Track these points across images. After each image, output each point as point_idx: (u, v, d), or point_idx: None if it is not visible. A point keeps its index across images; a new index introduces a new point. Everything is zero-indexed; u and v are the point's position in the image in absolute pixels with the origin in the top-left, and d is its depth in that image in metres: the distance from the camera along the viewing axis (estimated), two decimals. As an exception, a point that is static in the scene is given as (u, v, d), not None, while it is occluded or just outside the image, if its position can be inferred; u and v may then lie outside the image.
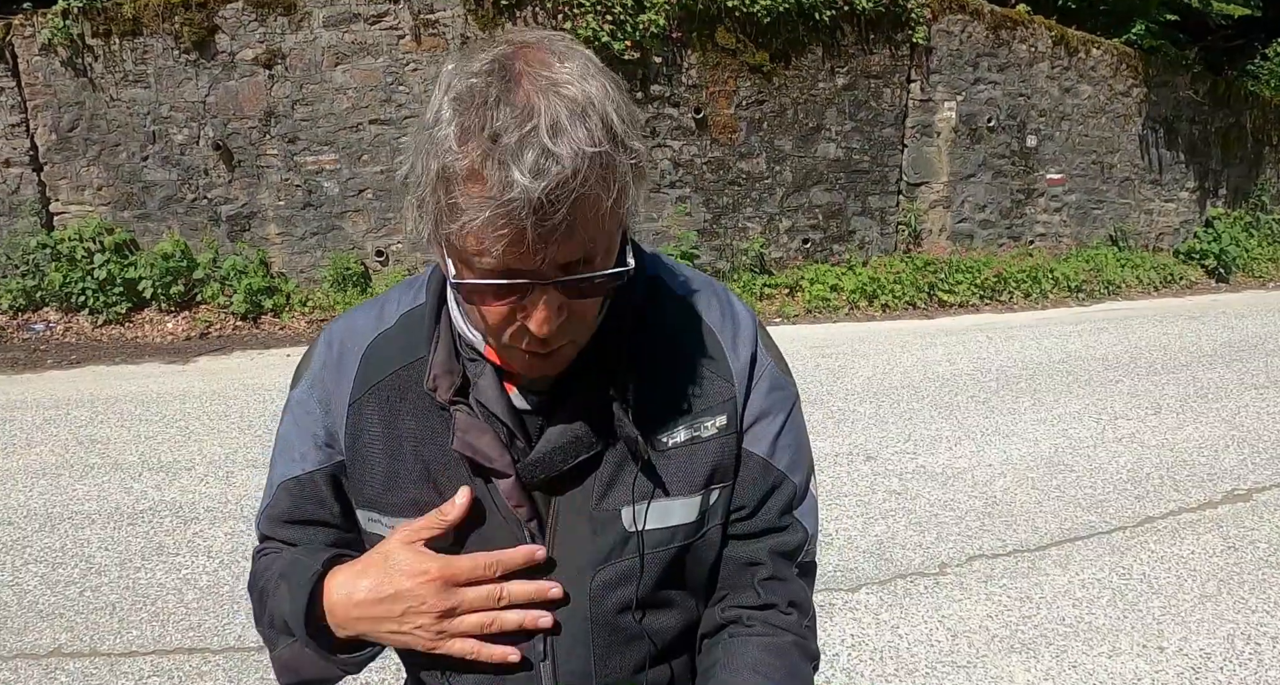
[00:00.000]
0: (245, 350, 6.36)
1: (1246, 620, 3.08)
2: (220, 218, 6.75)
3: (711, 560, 0.93)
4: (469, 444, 0.85)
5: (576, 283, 0.73)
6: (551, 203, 0.66)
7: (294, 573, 0.88)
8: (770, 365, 0.94)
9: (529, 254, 0.69)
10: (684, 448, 0.88)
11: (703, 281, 0.97)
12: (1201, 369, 6.31)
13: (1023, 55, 8.52)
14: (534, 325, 0.74)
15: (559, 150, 0.66)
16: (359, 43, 6.50)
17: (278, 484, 0.95)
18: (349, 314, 0.97)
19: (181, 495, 3.90)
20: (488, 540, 0.88)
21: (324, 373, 0.93)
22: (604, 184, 0.69)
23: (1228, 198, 10.49)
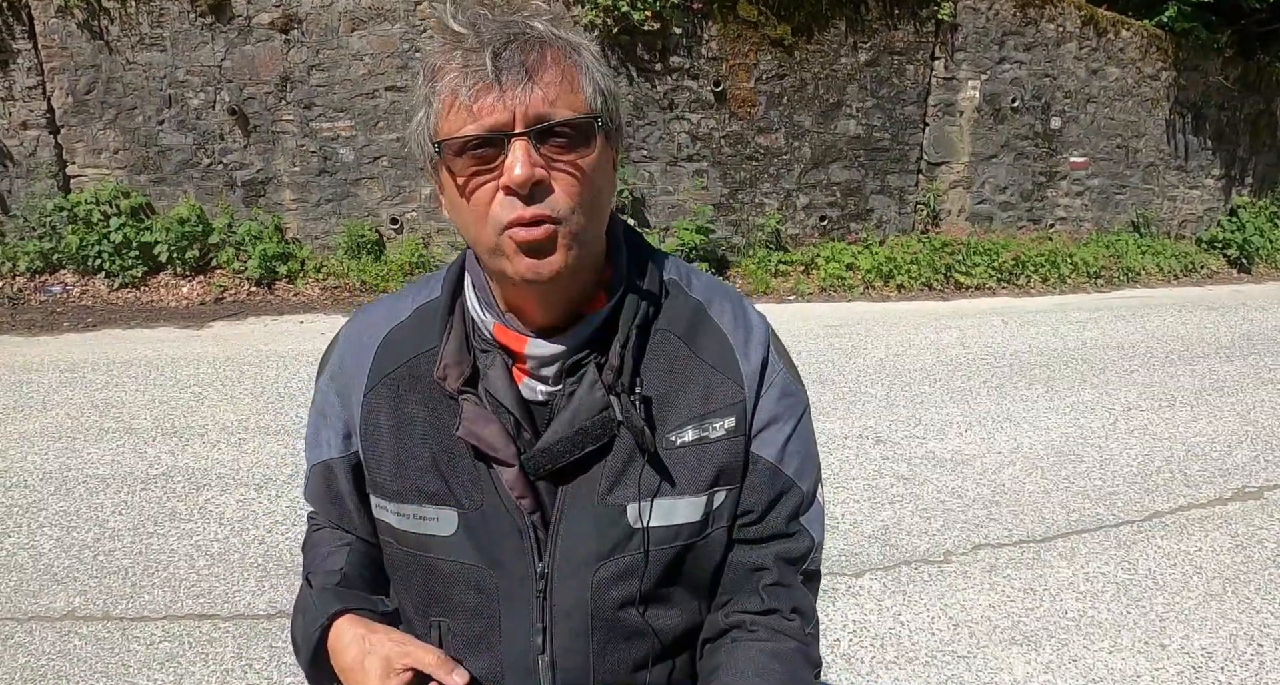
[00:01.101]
0: (259, 316, 6.39)
1: (1250, 621, 3.08)
2: (236, 183, 6.74)
3: (715, 562, 0.93)
4: (474, 433, 0.87)
5: (544, 130, 0.78)
6: (511, 40, 0.77)
7: (308, 618, 0.94)
8: (782, 371, 0.95)
9: (499, 103, 0.76)
10: (692, 447, 0.89)
11: (717, 286, 0.98)
12: (1218, 361, 6.25)
13: (1050, 34, 8.33)
14: (511, 172, 0.77)
15: (521, 17, 0.80)
16: (376, 8, 6.42)
17: (310, 466, 1.02)
18: (367, 308, 1.02)
19: (194, 461, 3.95)
20: (491, 529, 0.89)
21: (343, 365, 0.98)
22: (565, 51, 0.80)
23: (1254, 186, 10.29)
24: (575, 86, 0.80)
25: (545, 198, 0.79)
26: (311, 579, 1.00)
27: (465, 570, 0.90)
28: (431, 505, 0.91)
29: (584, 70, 0.81)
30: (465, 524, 0.89)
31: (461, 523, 0.89)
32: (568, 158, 0.79)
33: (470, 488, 0.89)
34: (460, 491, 0.90)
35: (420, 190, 6.97)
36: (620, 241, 0.93)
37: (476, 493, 0.89)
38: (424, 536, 0.92)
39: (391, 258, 7.04)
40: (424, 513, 0.91)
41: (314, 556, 1.03)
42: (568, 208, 0.80)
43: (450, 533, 0.90)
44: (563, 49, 0.80)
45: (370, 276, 6.83)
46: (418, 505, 0.91)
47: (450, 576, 0.91)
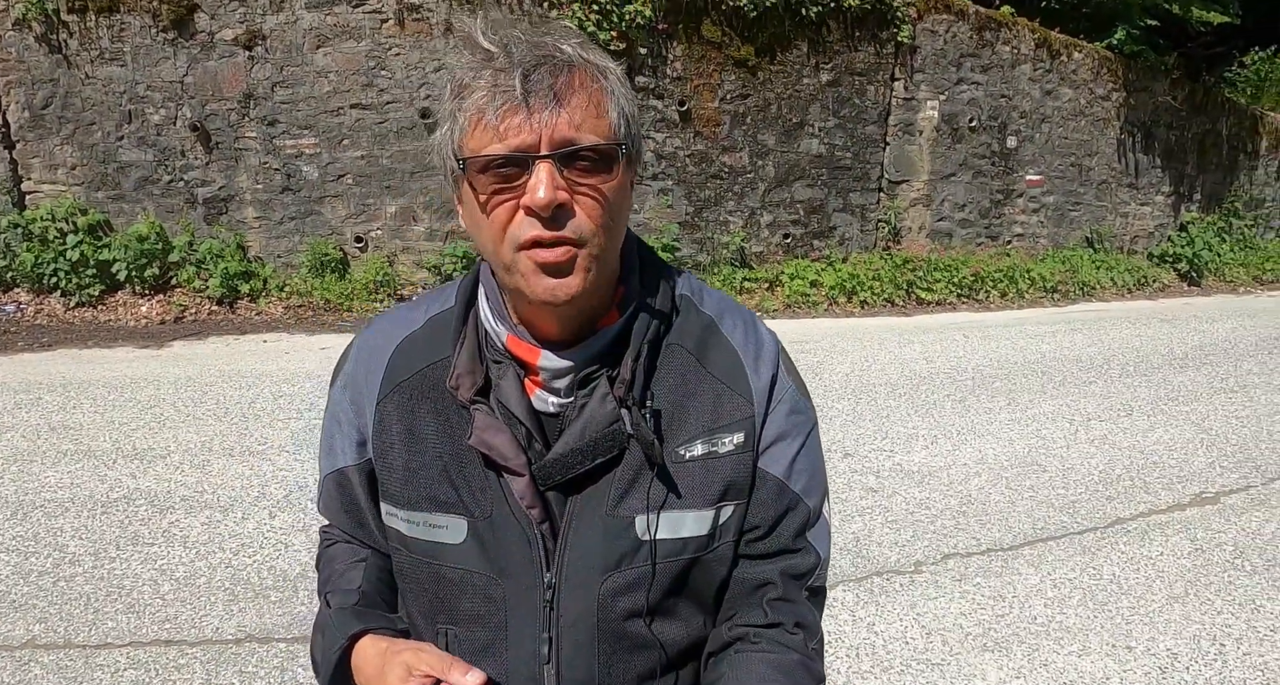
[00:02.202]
0: (221, 335, 6.28)
1: (1212, 622, 3.16)
2: (197, 200, 6.64)
3: (721, 576, 0.94)
4: (485, 442, 0.87)
5: (569, 155, 0.79)
6: (541, 62, 0.79)
7: (327, 638, 0.94)
8: (791, 388, 0.96)
9: (526, 125, 0.78)
10: (700, 462, 0.90)
11: (729, 303, 0.99)
12: (1173, 372, 6.43)
13: (1005, 56, 8.59)
14: (534, 194, 0.78)
15: (546, 43, 0.82)
16: (341, 25, 6.41)
17: (324, 476, 1.02)
18: (381, 317, 1.03)
19: (157, 484, 3.85)
20: (500, 538, 0.89)
21: (356, 374, 0.99)
22: (593, 76, 0.82)
23: (1202, 203, 10.67)
24: (601, 111, 0.81)
25: (567, 220, 0.80)
26: (330, 598, 0.99)
27: (473, 578, 0.90)
28: (441, 513, 0.91)
29: (610, 95, 0.82)
30: (475, 532, 0.90)
31: (471, 531, 0.90)
32: (590, 182, 0.80)
33: (480, 496, 0.90)
34: (470, 500, 0.90)
35: (385, 208, 6.93)
36: (634, 258, 0.94)
37: (486, 501, 0.89)
38: (433, 544, 0.92)
39: (356, 276, 6.98)
40: (434, 520, 0.91)
41: (330, 572, 1.02)
42: (589, 231, 0.81)
43: (460, 541, 0.90)
44: (591, 73, 0.81)
45: (334, 295, 6.76)
46: (428, 513, 0.91)
47: (458, 584, 0.91)
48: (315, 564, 1.07)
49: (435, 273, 7.07)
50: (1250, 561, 3.64)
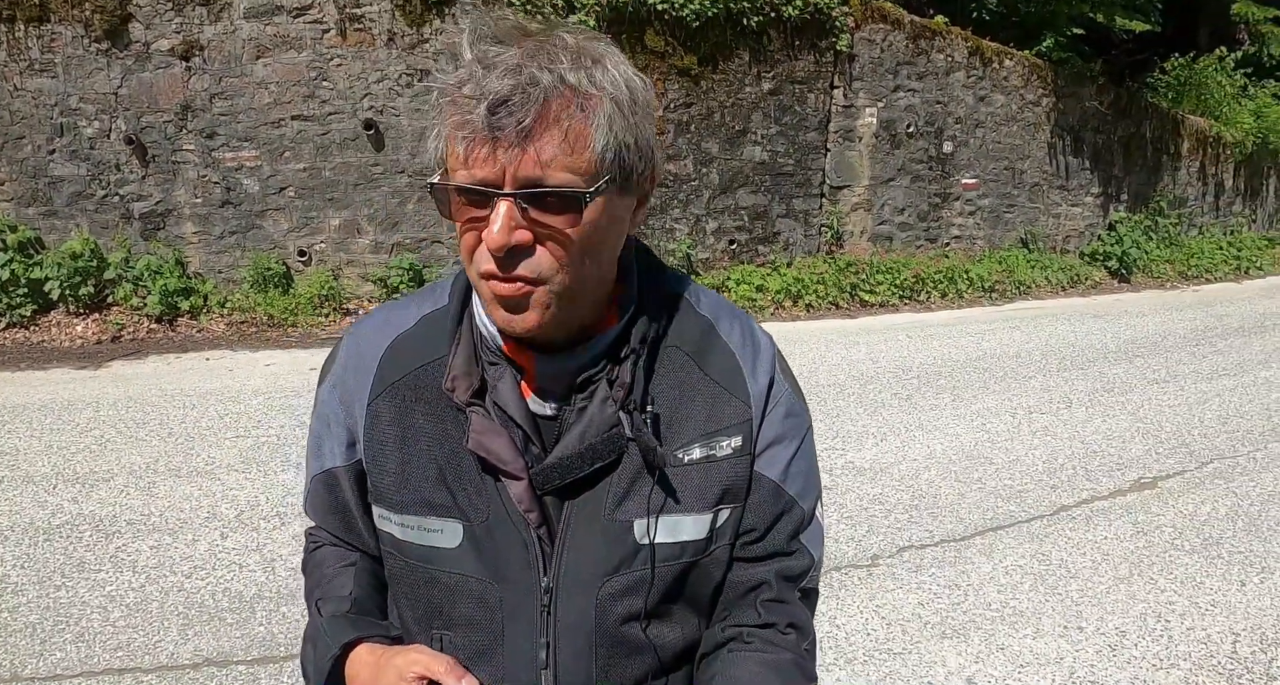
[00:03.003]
0: (161, 354, 6.09)
1: (1157, 599, 3.30)
2: (133, 215, 6.44)
3: (717, 579, 0.94)
4: (483, 445, 0.86)
5: (531, 195, 0.75)
6: (505, 101, 0.73)
7: (319, 648, 0.92)
8: (787, 391, 0.95)
9: (486, 160, 0.74)
10: (699, 465, 0.89)
11: (724, 305, 0.98)
12: (1107, 365, 6.69)
13: (940, 64, 8.86)
14: (489, 237, 0.76)
15: (528, 65, 0.74)
16: (281, 36, 6.30)
17: (311, 477, 1.00)
18: (371, 314, 1.00)
19: (101, 508, 3.72)
20: (497, 542, 0.88)
21: (345, 373, 0.96)
22: (578, 104, 0.75)
23: (1129, 203, 11.13)
24: (581, 145, 0.76)
25: (523, 260, 0.78)
26: (321, 606, 0.96)
27: (469, 583, 0.89)
28: (436, 517, 0.89)
29: (596, 124, 0.76)
30: (470, 536, 0.88)
31: (467, 535, 0.88)
32: (555, 223, 0.77)
33: (477, 500, 0.88)
34: (466, 504, 0.89)
35: (329, 221, 6.82)
36: (632, 262, 0.92)
37: (483, 505, 0.88)
38: (428, 548, 0.90)
39: (300, 291, 6.84)
40: (428, 524, 0.90)
41: (319, 578, 0.99)
42: (550, 269, 0.79)
43: (455, 545, 0.89)
44: (575, 101, 0.75)
45: (278, 311, 6.62)
46: (422, 517, 0.90)
47: (453, 589, 0.89)
48: (301, 567, 1.04)
49: (381, 286, 6.98)
50: (1189, 541, 3.81)
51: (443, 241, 7.13)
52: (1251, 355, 7.20)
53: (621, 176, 0.79)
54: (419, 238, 7.05)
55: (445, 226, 7.09)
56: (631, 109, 0.78)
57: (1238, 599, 3.34)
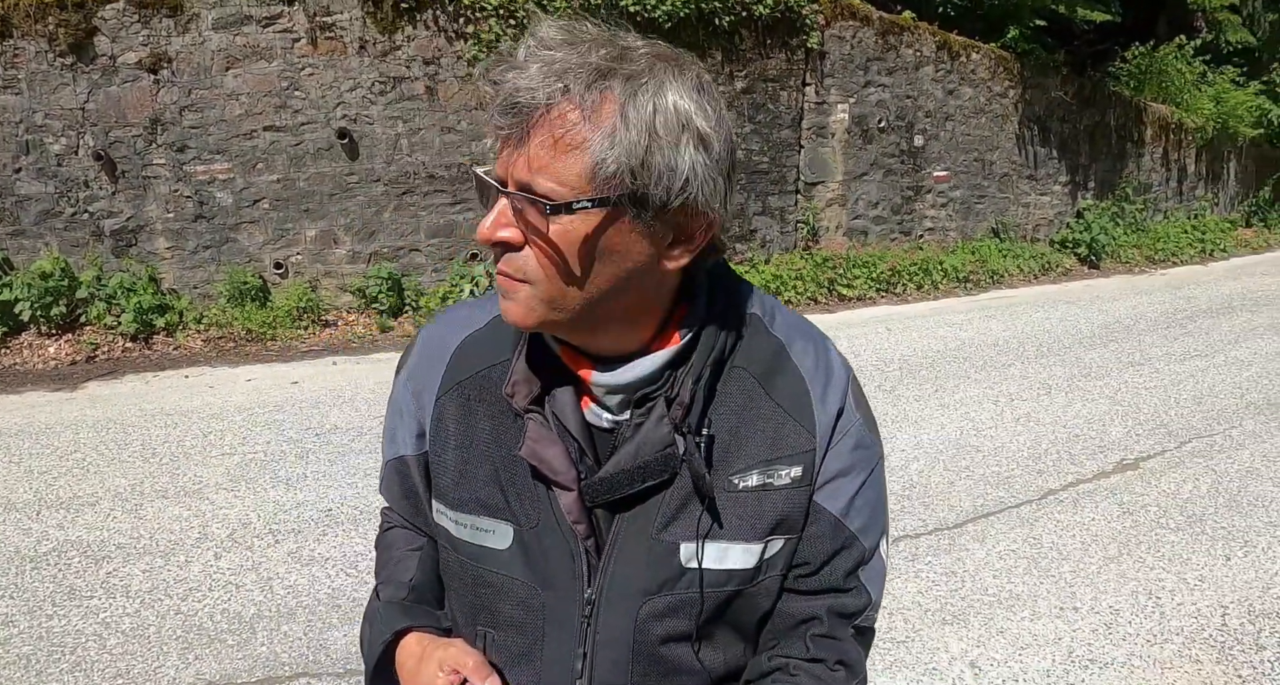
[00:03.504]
0: (138, 373, 5.99)
1: (1147, 577, 3.37)
2: (104, 233, 6.34)
3: (765, 608, 0.92)
4: (536, 453, 0.86)
5: (518, 199, 0.77)
6: (507, 105, 0.75)
7: (374, 631, 0.96)
8: (858, 422, 0.91)
9: (501, 156, 0.78)
10: (754, 493, 0.87)
11: (803, 328, 0.94)
12: (1083, 350, 6.81)
13: (909, 59, 8.96)
14: (480, 226, 0.80)
15: (549, 72, 0.74)
16: (251, 46, 6.23)
17: (385, 461, 1.02)
18: (448, 311, 1.03)
19: (88, 533, 3.65)
20: (545, 549, 0.89)
21: (418, 366, 0.98)
22: (566, 119, 0.74)
23: (1096, 190, 11.34)
24: (573, 155, 0.74)
25: (511, 256, 0.80)
26: (381, 590, 1.00)
27: (515, 585, 0.90)
28: (489, 518, 0.91)
29: (594, 137, 0.73)
30: (520, 540, 0.89)
31: (516, 539, 0.89)
32: (539, 228, 0.77)
33: (528, 506, 0.89)
34: (518, 508, 0.89)
35: (305, 232, 6.75)
36: (702, 274, 0.89)
37: (534, 511, 0.89)
38: (479, 547, 0.92)
39: (278, 304, 6.77)
40: (481, 524, 0.91)
41: (386, 560, 1.04)
42: (536, 274, 0.79)
43: (505, 547, 0.90)
44: (581, 110, 0.73)
45: (256, 325, 6.54)
46: (476, 516, 0.91)
47: (500, 589, 0.91)
48: (375, 544, 1.08)
49: (360, 296, 6.92)
50: (1173, 519, 3.89)
51: (420, 249, 7.09)
52: (1221, 336, 7.36)
53: (632, 201, 0.76)
54: (396, 246, 7.00)
55: (423, 234, 7.06)
56: (653, 130, 0.74)
57: (1224, 573, 3.42)
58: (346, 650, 2.86)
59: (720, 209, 0.80)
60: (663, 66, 0.76)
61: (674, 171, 0.76)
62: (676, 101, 0.75)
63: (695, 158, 0.76)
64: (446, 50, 6.72)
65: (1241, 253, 12.47)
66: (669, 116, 0.75)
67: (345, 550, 3.48)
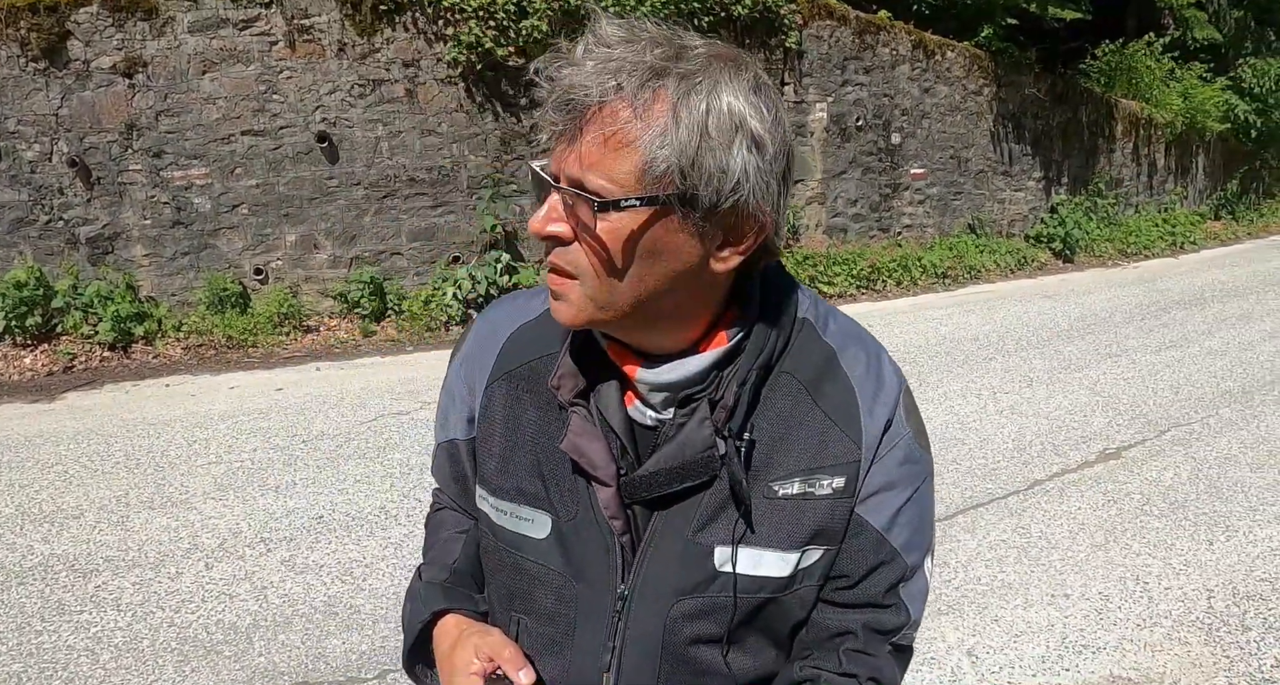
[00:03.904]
0: (118, 382, 5.91)
1: (1134, 563, 3.43)
2: (79, 240, 6.24)
3: (799, 617, 0.91)
4: (578, 447, 0.87)
5: (569, 194, 0.77)
6: (562, 102, 0.75)
7: (414, 609, 1.00)
8: (907, 436, 0.89)
9: (557, 151, 0.78)
10: (794, 501, 0.86)
11: (856, 334, 0.93)
12: (1062, 343, 6.91)
13: (885, 58, 9.05)
14: (534, 219, 0.80)
15: (604, 69, 0.74)
16: (228, 49, 6.17)
17: (437, 444, 1.04)
18: (505, 299, 1.04)
19: (74, 546, 3.60)
20: (582, 542, 0.90)
21: (472, 353, 1.00)
22: (618, 116, 0.74)
23: (1069, 185, 11.50)
24: (622, 154, 0.74)
25: (561, 251, 0.80)
26: (424, 570, 1.03)
27: (550, 575, 0.91)
28: (529, 506, 0.92)
29: (645, 135, 0.73)
30: (558, 532, 0.90)
31: (554, 529, 0.90)
32: (587, 224, 0.77)
33: (568, 498, 0.90)
34: (558, 499, 0.90)
35: (285, 237, 6.69)
36: (756, 285, 0.88)
37: (573, 504, 0.90)
38: (518, 535, 0.93)
39: (258, 310, 6.70)
40: (521, 512, 0.92)
41: (434, 540, 1.07)
42: (586, 270, 0.79)
43: (543, 536, 0.91)
44: (632, 108, 0.73)
45: (237, 332, 6.47)
46: (516, 504, 0.92)
47: (535, 578, 0.92)
48: (424, 523, 1.12)
49: (342, 301, 6.87)
50: (1157, 506, 3.96)
51: (402, 253, 7.06)
52: (1194, 327, 7.51)
53: (681, 200, 0.75)
54: (378, 250, 6.96)
55: (404, 237, 7.02)
56: (705, 131, 0.73)
57: (1208, 557, 3.50)
58: (345, 658, 2.84)
59: (773, 212, 0.80)
60: (719, 66, 0.76)
61: (725, 173, 0.75)
62: (731, 102, 0.75)
63: (748, 159, 0.76)
64: (426, 52, 6.69)
65: (1211, 245, 12.71)
66: (722, 117, 0.74)
67: (339, 557, 3.46)
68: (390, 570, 3.35)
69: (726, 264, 0.81)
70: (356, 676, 2.75)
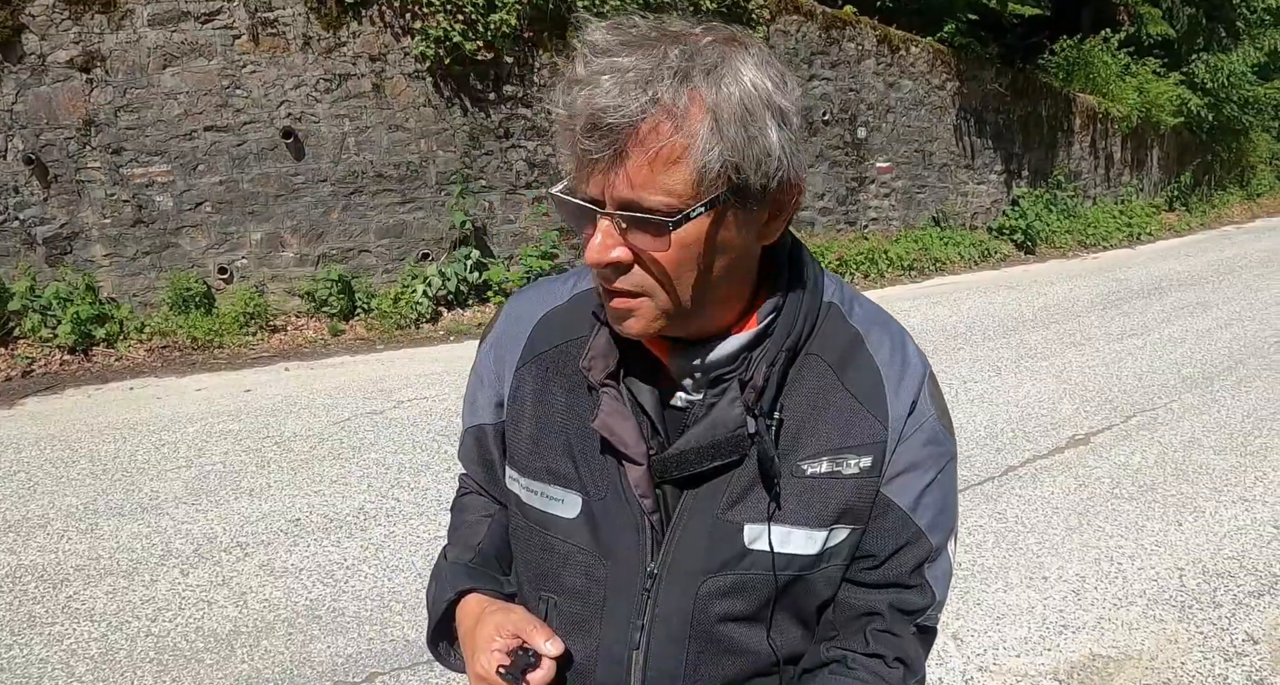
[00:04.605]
0: (79, 386, 5.75)
1: (1107, 545, 3.52)
2: (36, 241, 6.06)
3: (825, 596, 0.92)
4: (609, 426, 0.87)
5: (624, 218, 0.75)
6: (594, 127, 0.72)
7: (439, 588, 1.01)
8: (931, 417, 0.91)
9: (586, 179, 0.76)
10: (822, 480, 0.87)
11: (880, 318, 0.94)
12: (1027, 332, 7.05)
13: (851, 53, 9.13)
14: (587, 252, 0.78)
15: (627, 82, 0.72)
16: (189, 43, 6.02)
17: (465, 428, 1.06)
18: (534, 285, 1.04)
19: (42, 556, 3.49)
20: (611, 520, 0.90)
21: (502, 337, 1.00)
22: (661, 131, 0.72)
23: (1030, 178, 11.73)
24: (676, 166, 0.73)
25: (625, 274, 0.79)
26: (449, 550, 1.05)
27: (580, 554, 0.92)
28: (559, 487, 0.93)
29: (693, 142, 0.72)
30: (588, 510, 0.91)
31: (584, 509, 0.91)
32: (649, 244, 0.76)
33: (598, 477, 0.91)
34: (588, 479, 0.91)
35: (250, 236, 6.56)
36: (784, 260, 0.90)
37: (603, 483, 0.90)
38: (547, 515, 0.94)
39: (223, 310, 6.57)
40: (551, 492, 0.93)
41: (459, 522, 1.09)
42: (652, 286, 0.79)
43: (573, 516, 0.92)
44: (671, 119, 0.72)
45: (201, 332, 6.34)
46: (546, 484, 0.93)
47: (565, 558, 0.93)
48: (451, 507, 1.13)
49: (309, 300, 6.76)
50: (1126, 489, 4.06)
51: (370, 250, 6.96)
52: (1153, 315, 7.70)
53: (734, 193, 0.76)
54: (346, 247, 6.86)
55: (372, 234, 6.93)
56: (744, 121, 0.73)
57: (1177, 537, 3.59)
58: (331, 662, 2.80)
59: (803, 174, 0.82)
60: (732, 50, 0.76)
61: (769, 156, 0.76)
62: (754, 84, 0.75)
63: (781, 134, 0.77)
64: (394, 46, 6.60)
65: (1166, 236, 13.05)
66: (754, 102, 0.74)
67: (319, 560, 3.41)
68: (372, 572, 3.31)
69: (772, 237, 0.84)
70: (344, 680, 2.71)
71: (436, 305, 6.94)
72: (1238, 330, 7.15)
